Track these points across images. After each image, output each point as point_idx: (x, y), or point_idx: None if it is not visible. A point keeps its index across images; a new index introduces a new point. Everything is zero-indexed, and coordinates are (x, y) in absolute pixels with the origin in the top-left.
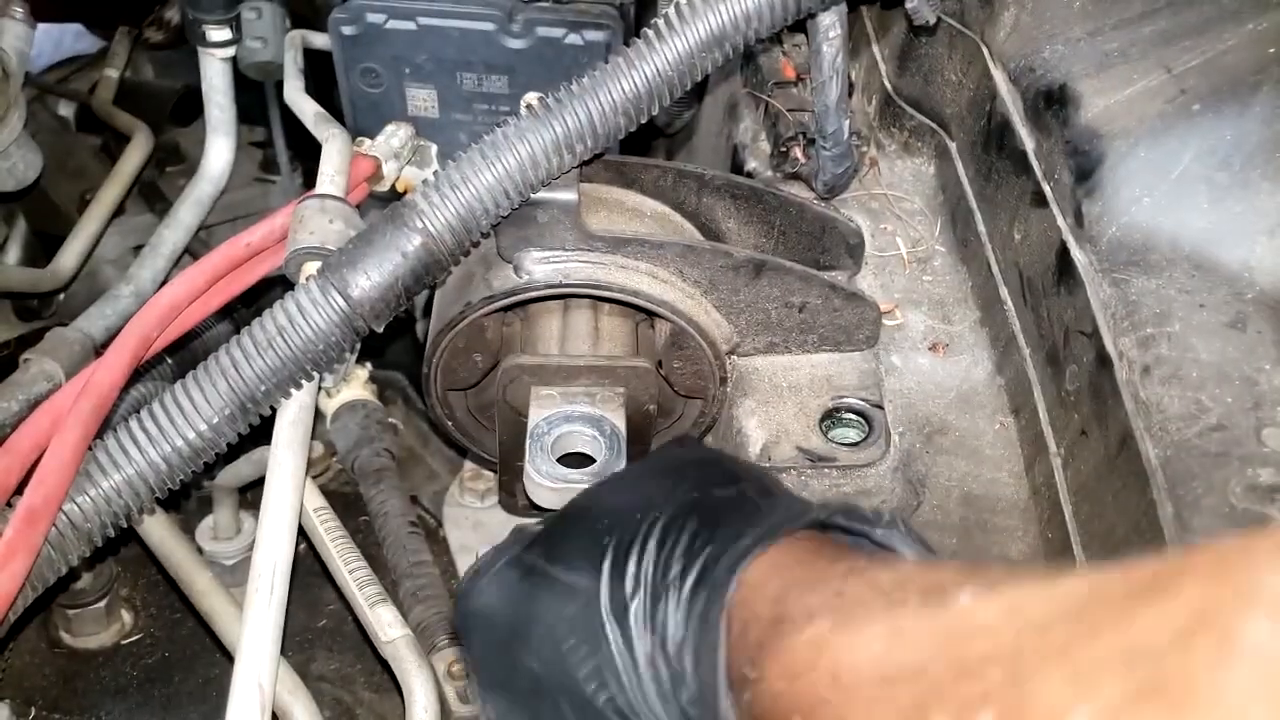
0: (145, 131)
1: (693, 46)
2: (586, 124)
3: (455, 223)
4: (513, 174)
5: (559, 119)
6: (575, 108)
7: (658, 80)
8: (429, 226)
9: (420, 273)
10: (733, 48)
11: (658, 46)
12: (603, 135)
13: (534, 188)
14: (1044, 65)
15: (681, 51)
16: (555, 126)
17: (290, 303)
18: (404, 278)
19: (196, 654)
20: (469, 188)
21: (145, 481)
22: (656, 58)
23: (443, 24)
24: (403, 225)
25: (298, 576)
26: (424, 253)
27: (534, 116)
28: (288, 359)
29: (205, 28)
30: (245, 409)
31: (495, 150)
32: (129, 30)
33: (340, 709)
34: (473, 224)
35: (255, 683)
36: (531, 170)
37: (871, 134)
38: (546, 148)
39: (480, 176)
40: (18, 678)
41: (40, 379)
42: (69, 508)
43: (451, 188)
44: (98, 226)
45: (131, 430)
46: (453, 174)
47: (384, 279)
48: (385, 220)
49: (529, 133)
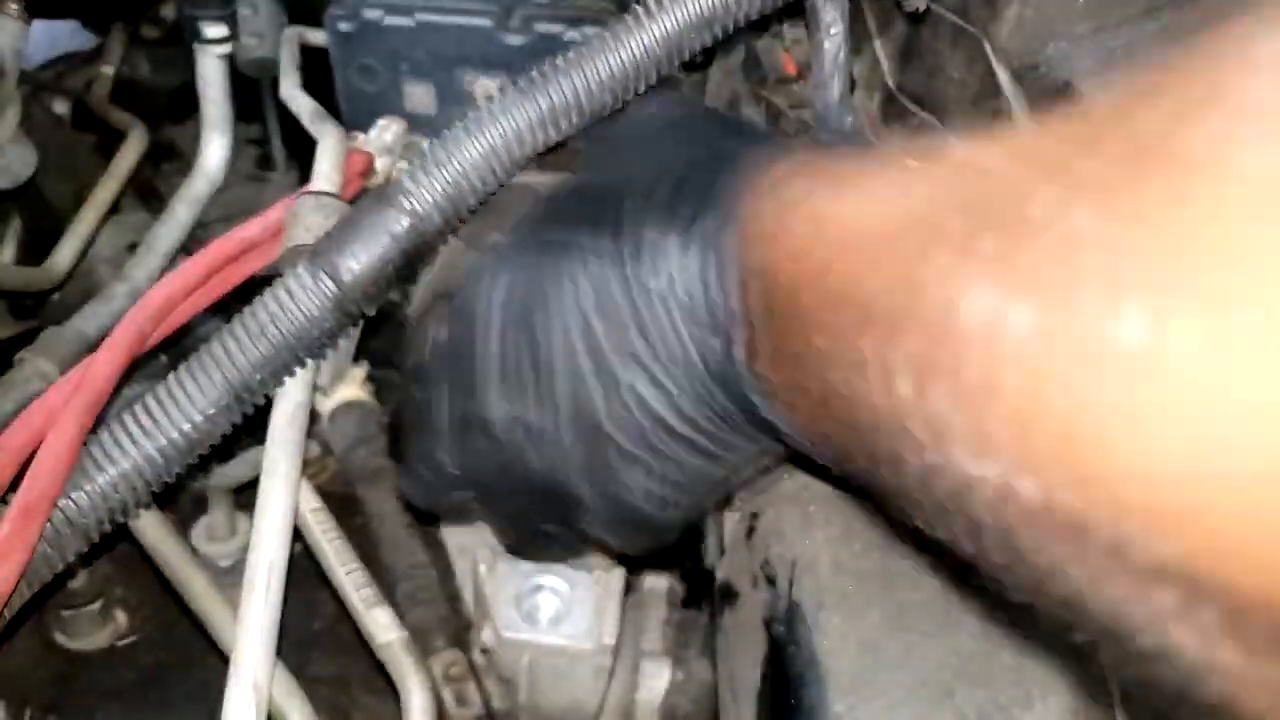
0: (141, 128)
1: (682, 25)
2: (572, 99)
3: (443, 201)
4: (498, 150)
5: (545, 94)
6: (561, 83)
7: (645, 58)
8: (417, 206)
9: (410, 253)
10: (723, 29)
11: (646, 24)
12: (589, 111)
13: (520, 164)
14: (1047, 63)
15: (670, 29)
16: (540, 101)
17: (280, 290)
18: (394, 259)
19: (192, 656)
20: (455, 165)
21: (141, 476)
22: (644, 34)
23: (440, 20)
24: (390, 206)
25: (293, 578)
26: (413, 233)
27: (519, 92)
28: (281, 346)
29: (201, 24)
30: (240, 399)
31: (480, 126)
32: (125, 27)
33: (336, 711)
34: (460, 201)
35: (251, 685)
36: (518, 146)
37: (873, 131)
38: (532, 122)
39: (465, 153)
40: (11, 679)
41: (35, 378)
42: (64, 504)
43: (437, 166)
44: (93, 224)
45: (126, 425)
46: (438, 152)
47: (374, 261)
48: (372, 202)
49: (514, 108)
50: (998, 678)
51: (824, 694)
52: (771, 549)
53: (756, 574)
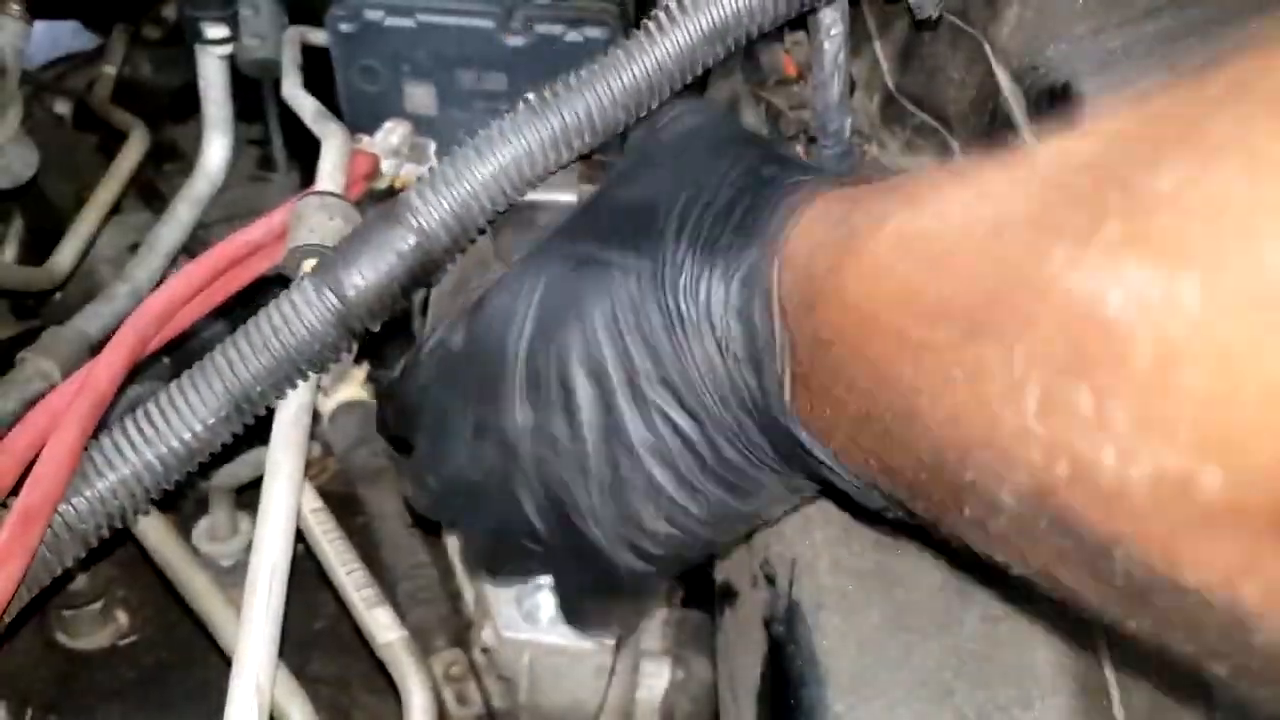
0: (142, 129)
1: (694, 40)
2: (585, 118)
3: (450, 220)
4: (509, 170)
5: (556, 113)
6: (573, 101)
7: (658, 73)
8: (424, 225)
9: (416, 271)
10: (735, 41)
11: (658, 39)
12: (601, 129)
13: (531, 183)
14: (1047, 64)
15: (683, 44)
16: (553, 120)
17: (285, 303)
18: (400, 277)
19: (193, 656)
20: (464, 184)
21: (141, 482)
22: (657, 50)
23: (441, 21)
24: (397, 223)
25: (295, 578)
26: (419, 251)
27: (530, 110)
28: (283, 360)
29: (202, 25)
30: (241, 409)
31: (491, 145)
32: (126, 27)
33: (337, 711)
34: (469, 221)
35: (253, 685)
36: (529, 166)
37: (873, 132)
38: (544, 142)
39: (475, 172)
40: (12, 679)
41: (36, 378)
42: (64, 509)
43: (446, 185)
44: (94, 224)
45: (127, 431)
46: (447, 170)
47: (379, 279)
48: (379, 218)
49: (525, 127)
50: (998, 678)
51: (824, 694)
52: (771, 548)
53: (756, 574)
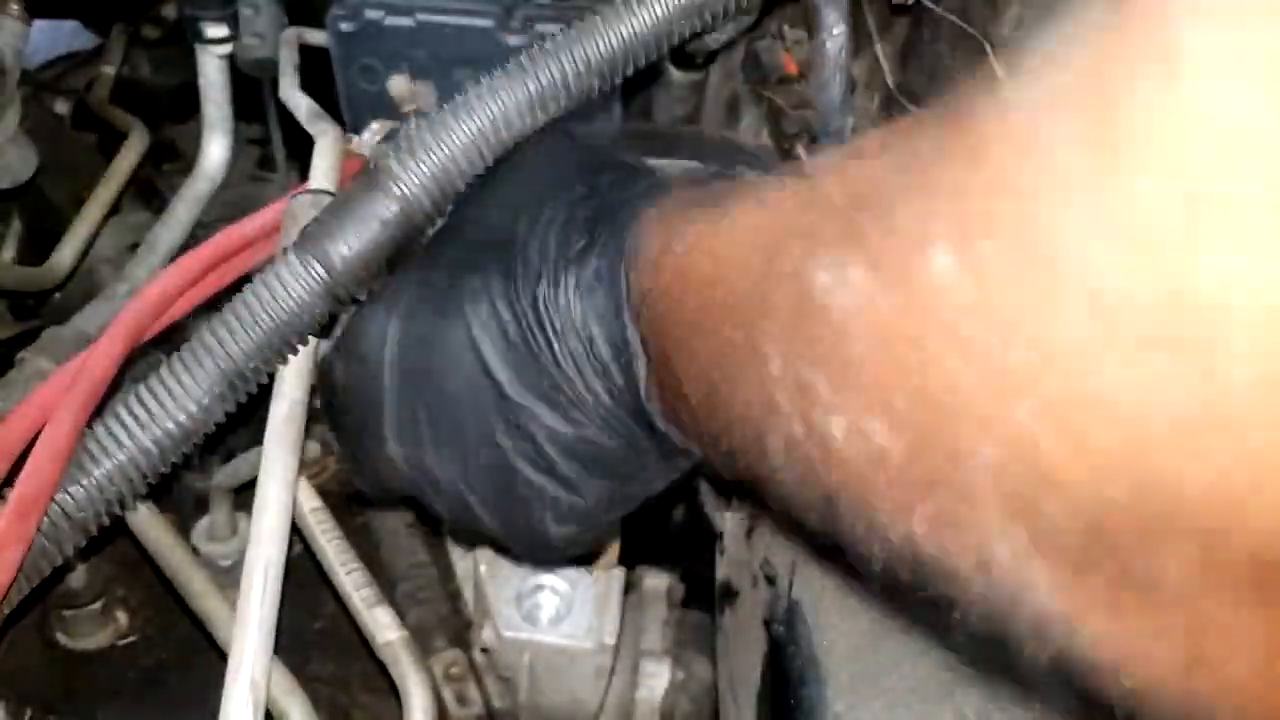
0: (141, 129)
1: (671, 10)
2: (560, 81)
3: (431, 185)
4: (486, 133)
5: (531, 77)
6: (549, 65)
7: (633, 42)
8: (406, 192)
9: (400, 238)
10: (713, 15)
11: (635, 8)
12: (576, 94)
13: (507, 145)
14: None
15: (659, 14)
16: (528, 84)
17: (271, 277)
18: (385, 245)
19: (193, 655)
20: (442, 148)
21: (138, 468)
22: (633, 20)
23: (441, 20)
24: (379, 191)
25: (294, 578)
26: (402, 218)
27: (506, 75)
28: (272, 334)
29: (202, 24)
30: (234, 386)
31: (467, 110)
32: (126, 27)
33: (337, 711)
34: (448, 185)
35: (248, 683)
36: (505, 128)
37: None
38: (520, 105)
39: (453, 137)
40: (12, 679)
41: (35, 378)
42: (62, 497)
43: (426, 151)
44: (94, 224)
45: (121, 416)
46: (426, 136)
47: (365, 247)
48: (361, 188)
49: (501, 91)
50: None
51: (824, 694)
52: (771, 548)
53: (756, 573)
